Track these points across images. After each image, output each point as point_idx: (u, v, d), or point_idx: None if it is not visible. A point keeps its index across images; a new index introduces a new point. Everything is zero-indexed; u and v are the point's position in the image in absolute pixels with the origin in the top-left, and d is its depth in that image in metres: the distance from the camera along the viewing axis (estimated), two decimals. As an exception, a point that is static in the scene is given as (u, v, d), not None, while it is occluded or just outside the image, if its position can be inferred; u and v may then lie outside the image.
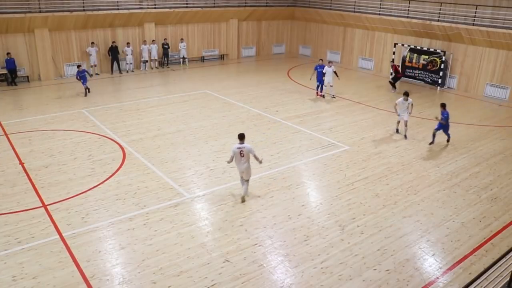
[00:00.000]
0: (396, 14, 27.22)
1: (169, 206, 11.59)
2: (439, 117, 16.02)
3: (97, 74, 26.90)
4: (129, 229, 10.51)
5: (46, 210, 11.31)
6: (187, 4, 29.44)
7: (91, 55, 26.41)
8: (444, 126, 16.19)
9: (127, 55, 27.46)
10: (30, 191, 12.28)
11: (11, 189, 12.41)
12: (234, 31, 32.32)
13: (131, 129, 17.20)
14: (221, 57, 32.59)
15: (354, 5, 29.72)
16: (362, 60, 30.10)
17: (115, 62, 27.27)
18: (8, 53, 24.02)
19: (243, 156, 11.45)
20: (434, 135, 16.32)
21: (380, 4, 28.16)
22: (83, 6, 25.61)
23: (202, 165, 14.06)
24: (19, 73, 24.86)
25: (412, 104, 16.96)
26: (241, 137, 11.62)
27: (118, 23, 27.15)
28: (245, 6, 31.99)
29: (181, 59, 29.97)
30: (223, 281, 8.80)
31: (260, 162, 11.85)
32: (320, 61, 22.44)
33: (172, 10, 28.48)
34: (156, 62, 29.12)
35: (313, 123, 18.47)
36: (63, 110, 19.70)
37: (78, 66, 22.32)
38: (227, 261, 9.41)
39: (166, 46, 28.95)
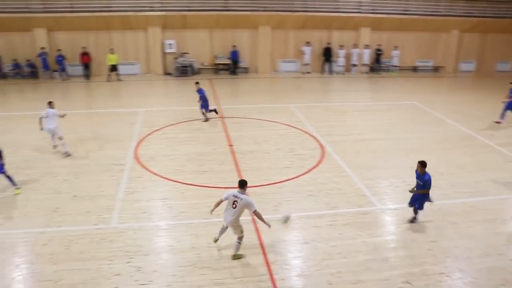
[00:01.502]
0: None
1: (358, 212, 11.44)
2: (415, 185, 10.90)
3: (308, 72, 27.99)
4: (316, 226, 10.69)
5: (245, 191, 12.24)
6: (406, 10, 28.47)
7: (305, 54, 27.61)
8: (421, 197, 10.78)
9: (339, 57, 27.98)
10: (234, 172, 13.45)
11: (219, 167, 13.80)
12: (454, 42, 30.15)
13: (334, 130, 17.47)
14: (436, 69, 30.82)
15: None
16: None
17: (327, 63, 28.02)
18: (234, 46, 26.64)
19: (234, 208, 9.17)
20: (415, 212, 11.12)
21: None
22: (305, 7, 26.83)
23: (399, 178, 13.50)
24: (240, 64, 27.36)
25: None
26: (242, 184, 9.26)
27: (335, 26, 27.80)
28: (470, 16, 29.47)
29: (392, 67, 29.26)
30: (402, 302, 8.36)
31: (269, 226, 9.22)
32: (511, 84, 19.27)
33: (389, 16, 27.94)
34: (367, 67, 28.98)
35: (534, 154, 16.19)
36: (272, 103, 21.05)
37: (196, 83, 18.38)
38: (408, 282, 8.87)
39: (379, 52, 28.60)
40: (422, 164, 10.57)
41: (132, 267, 9.07)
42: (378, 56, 28.71)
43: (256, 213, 9.14)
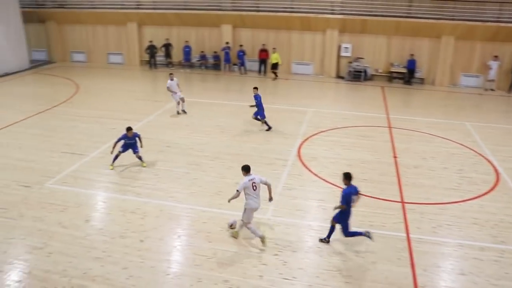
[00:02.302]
0: None
1: (531, 252, 10.11)
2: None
3: (492, 90, 25.50)
4: (477, 258, 9.71)
5: (403, 206, 11.68)
6: None
7: (491, 69, 25.17)
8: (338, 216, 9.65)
9: (533, 76, 24.91)
10: (394, 185, 12.91)
11: (380, 177, 13.37)
12: None
13: (513, 156, 15.67)
14: None
15: None
16: None
17: (516, 81, 25.20)
18: (411, 54, 25.52)
19: (256, 189, 9.67)
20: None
21: None
22: (498, 17, 24.40)
23: None
24: (416, 74, 26.13)
25: None
26: (247, 169, 9.79)
27: (533, 40, 24.75)
28: None
29: None
30: None
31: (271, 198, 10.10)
32: None
33: None
34: None
35: None
36: (446, 118, 19.67)
37: (254, 88, 17.40)
38: None
39: None
40: (345, 176, 9.59)
41: (279, 260, 9.33)
42: None
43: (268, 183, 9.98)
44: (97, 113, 19.34)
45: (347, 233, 9.66)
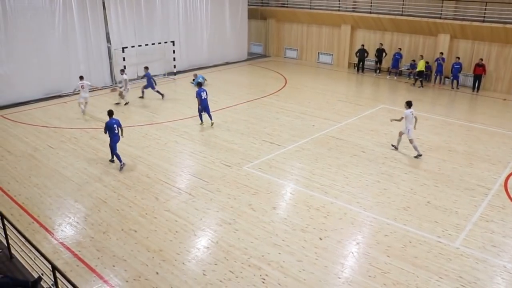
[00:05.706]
0: None
1: None
2: None
3: None
4: None
5: None
6: None
7: None
8: None
9: None
10: None
11: None
12: None
13: None
14: None
15: None
16: None
17: None
18: None
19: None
20: None
21: None
22: None
23: None
24: None
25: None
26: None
27: None
28: None
29: None
30: None
31: None
32: None
33: None
34: None
35: None
36: None
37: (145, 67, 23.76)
38: None
39: None
40: (108, 113, 13.94)
41: (462, 295, 8.57)
42: None
43: None
44: (299, 109, 20.24)
45: (114, 153, 13.82)
